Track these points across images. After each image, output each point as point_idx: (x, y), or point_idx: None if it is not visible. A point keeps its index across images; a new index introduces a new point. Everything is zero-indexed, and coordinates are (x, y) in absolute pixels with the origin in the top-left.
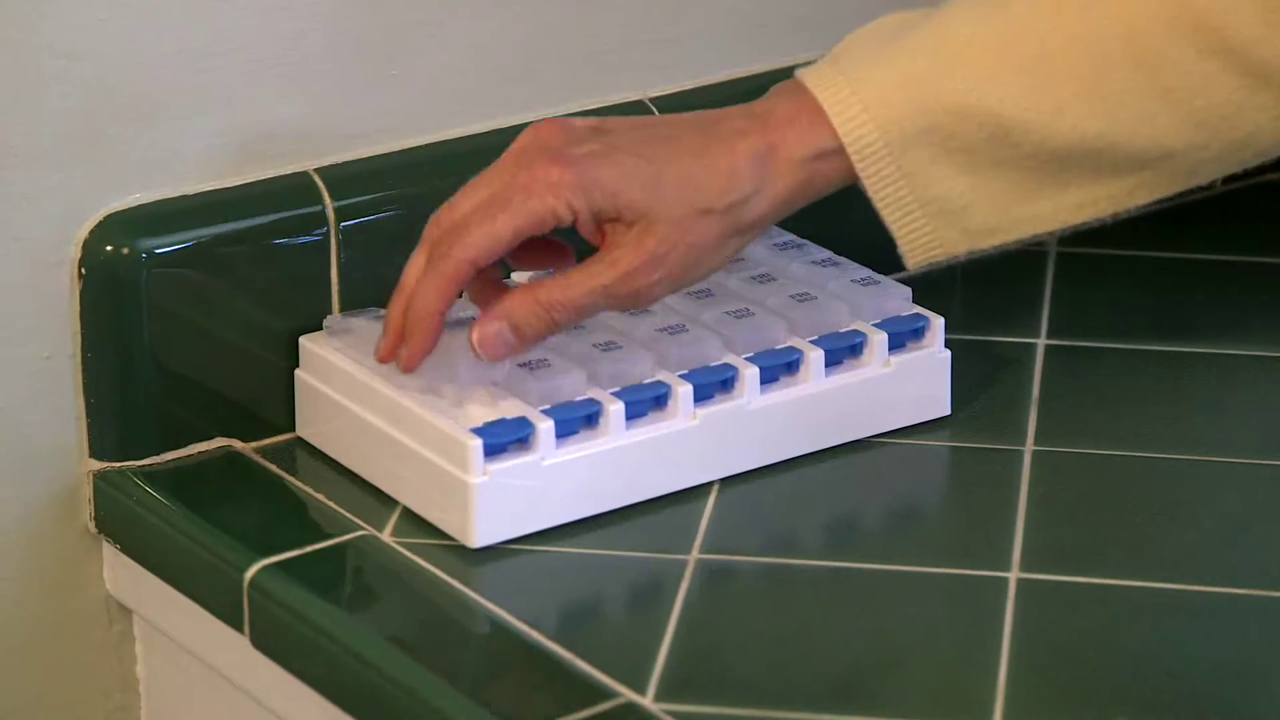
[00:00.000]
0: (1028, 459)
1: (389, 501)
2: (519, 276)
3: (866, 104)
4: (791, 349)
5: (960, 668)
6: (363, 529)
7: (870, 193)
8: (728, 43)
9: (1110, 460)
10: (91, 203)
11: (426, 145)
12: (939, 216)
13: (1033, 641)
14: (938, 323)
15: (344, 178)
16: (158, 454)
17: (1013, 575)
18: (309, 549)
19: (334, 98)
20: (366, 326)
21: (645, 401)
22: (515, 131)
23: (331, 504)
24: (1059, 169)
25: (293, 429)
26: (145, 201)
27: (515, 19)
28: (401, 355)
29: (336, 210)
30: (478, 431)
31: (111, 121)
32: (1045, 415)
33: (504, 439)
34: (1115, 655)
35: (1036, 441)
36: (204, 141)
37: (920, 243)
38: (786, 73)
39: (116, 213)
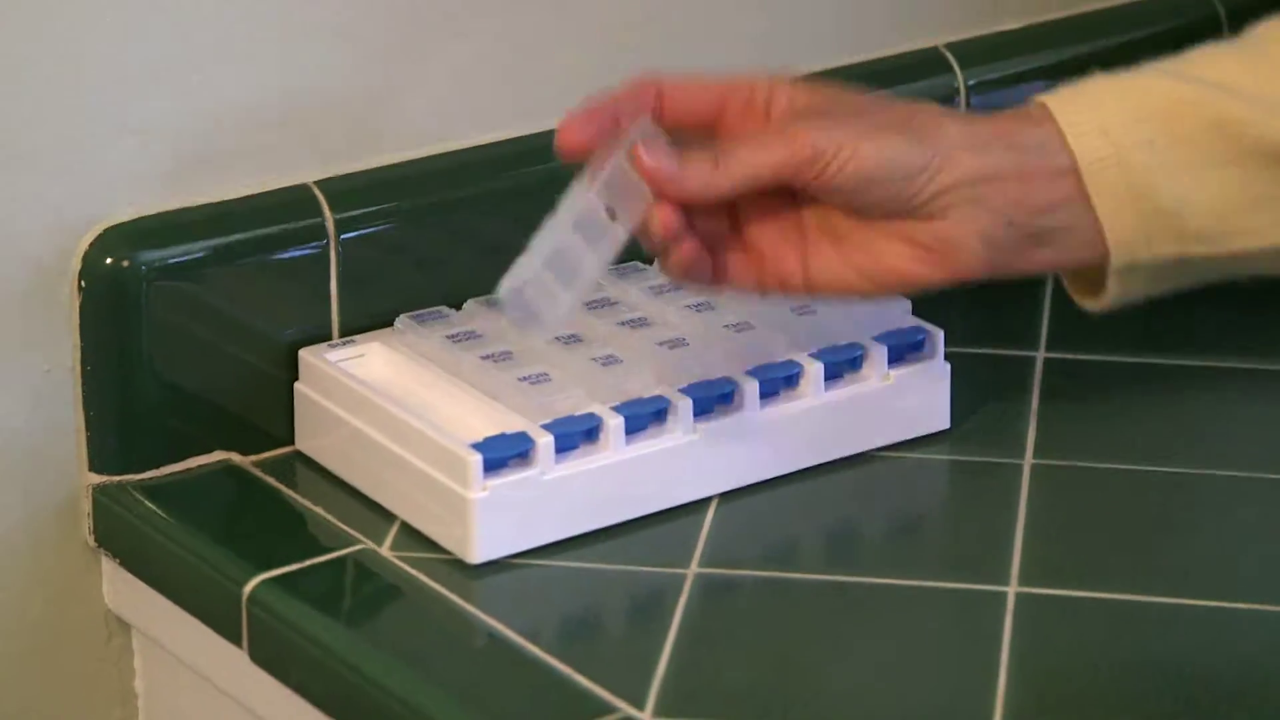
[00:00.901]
0: (1027, 472)
1: (388, 516)
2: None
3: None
4: (791, 362)
5: (960, 681)
6: (362, 543)
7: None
8: (728, 56)
9: (1109, 474)
10: (92, 215)
11: (425, 158)
12: (1153, 216)
13: (1032, 655)
14: (937, 335)
15: (343, 190)
16: (157, 467)
17: (1012, 589)
18: (308, 563)
19: (332, 110)
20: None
21: (645, 416)
22: (513, 144)
23: (331, 518)
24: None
25: (292, 442)
26: (145, 214)
27: (518, 29)
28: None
29: (336, 223)
30: (477, 446)
31: (112, 134)
32: (1044, 429)
33: (504, 454)
34: (1115, 669)
35: (1036, 455)
36: (203, 154)
37: (1126, 240)
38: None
39: (116, 225)
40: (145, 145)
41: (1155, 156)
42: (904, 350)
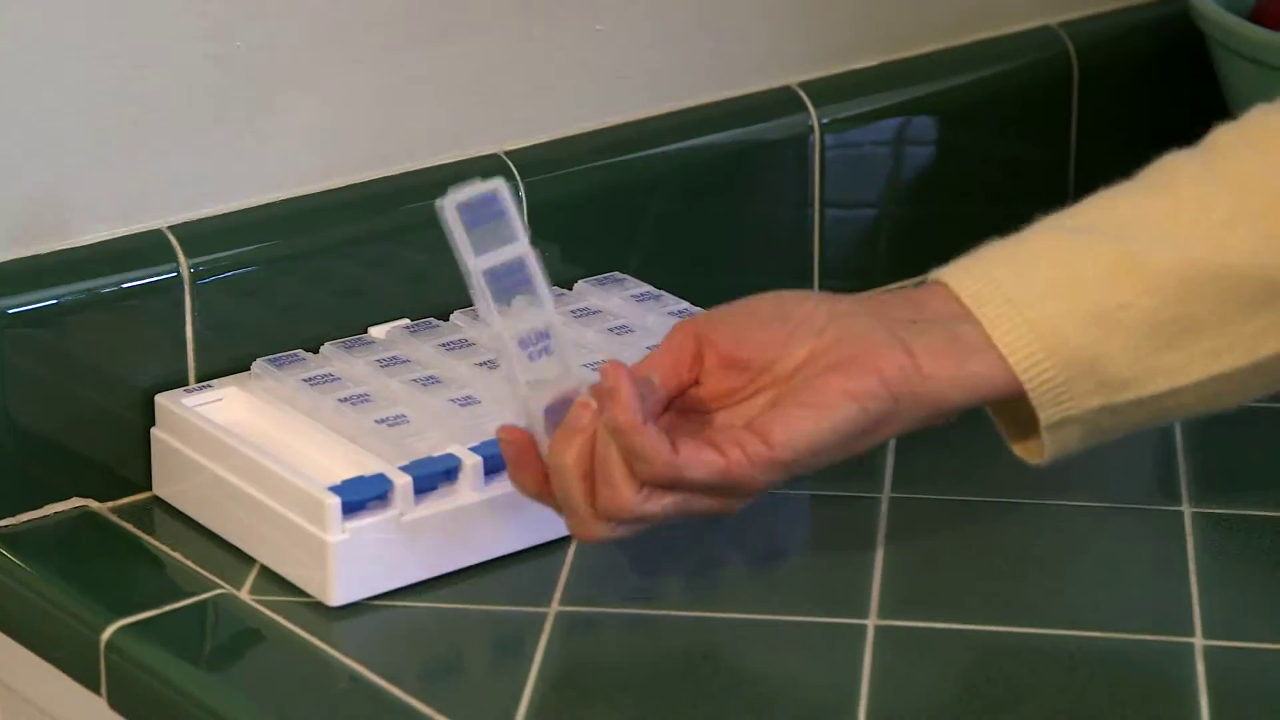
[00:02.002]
0: (885, 505)
1: (248, 560)
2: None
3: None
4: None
5: (822, 714)
6: (221, 587)
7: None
8: (586, 97)
9: (966, 506)
10: None
11: (279, 202)
12: (1069, 366)
13: (891, 687)
14: None
15: (197, 235)
16: (13, 515)
17: (871, 622)
18: (167, 608)
19: (186, 154)
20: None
21: None
22: (373, 186)
23: (189, 563)
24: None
25: (150, 488)
26: None
27: (373, 74)
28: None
29: (191, 267)
30: (336, 489)
31: None
32: (902, 462)
33: (362, 496)
34: (974, 700)
35: (894, 489)
36: (56, 201)
37: (1048, 394)
38: (644, 125)
39: None
40: None
41: (1059, 305)
42: None
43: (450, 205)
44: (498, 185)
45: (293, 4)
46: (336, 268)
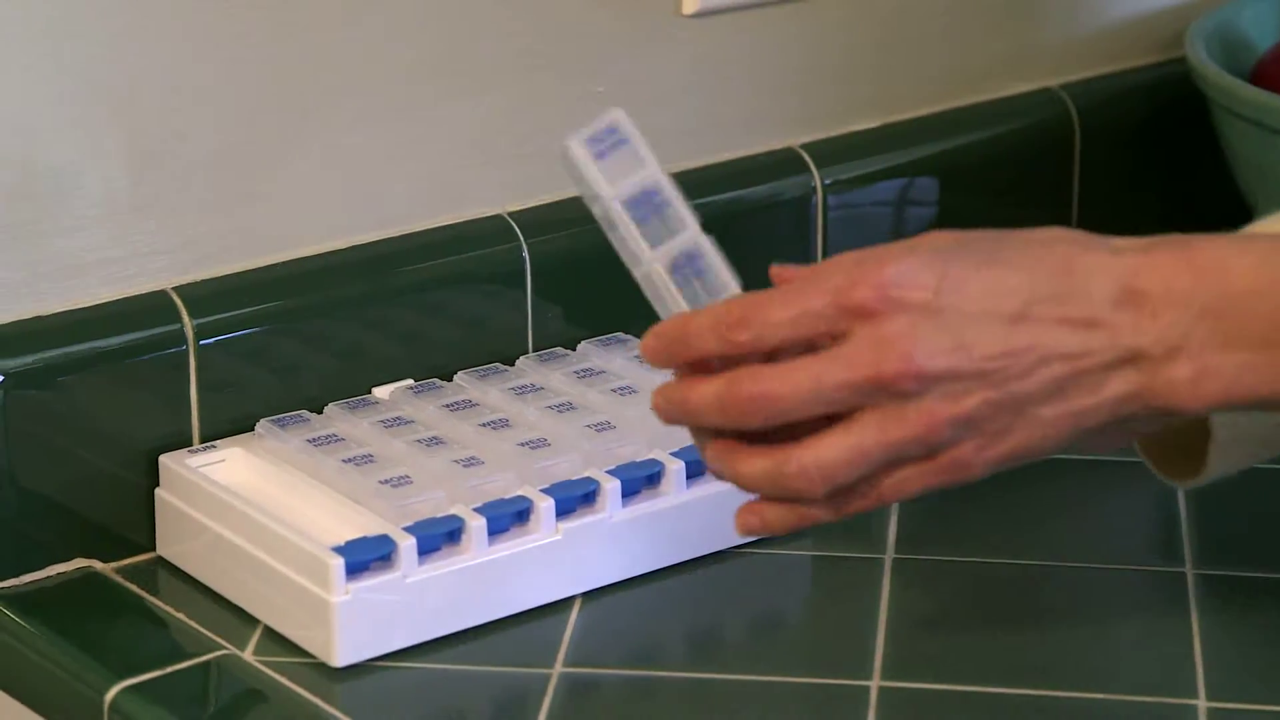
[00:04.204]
0: (888, 566)
1: (251, 620)
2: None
3: None
4: (653, 461)
5: None
6: (225, 648)
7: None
8: None
9: (970, 567)
10: None
11: (283, 263)
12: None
13: None
14: None
15: (202, 296)
16: (16, 576)
17: (874, 684)
18: (170, 669)
19: (191, 214)
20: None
21: (507, 516)
22: (376, 248)
23: (193, 623)
24: None
25: (154, 549)
26: (1, 322)
27: (375, 136)
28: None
29: (195, 328)
30: (339, 550)
31: None
32: (905, 523)
33: (366, 557)
34: None
35: (897, 550)
36: (60, 261)
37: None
38: None
39: None
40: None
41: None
42: None
43: (576, 142)
44: (618, 115)
45: (295, 67)
46: (339, 328)
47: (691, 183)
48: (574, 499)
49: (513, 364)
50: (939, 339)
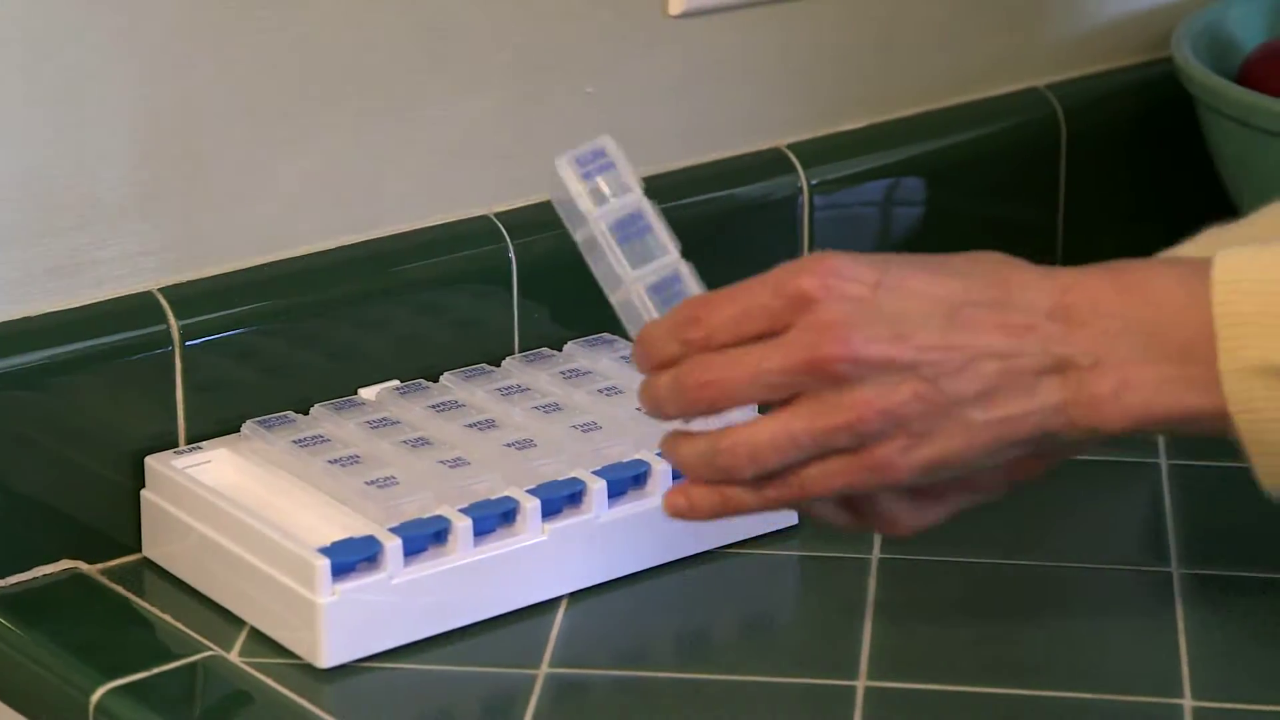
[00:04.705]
0: (875, 567)
1: (237, 622)
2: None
3: None
4: (639, 461)
5: None
6: (211, 650)
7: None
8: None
9: (957, 567)
10: None
11: (269, 264)
12: None
13: None
14: None
15: (188, 297)
16: (2, 577)
17: (861, 683)
18: (156, 670)
19: (177, 215)
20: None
21: (493, 517)
22: (363, 248)
23: (179, 625)
24: None
25: (139, 550)
26: None
27: (362, 136)
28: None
29: (181, 329)
30: (325, 551)
31: None
32: None
33: (352, 558)
34: None
35: (883, 550)
36: (46, 263)
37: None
38: (655, 182)
39: None
40: None
41: None
42: None
43: (564, 162)
44: (606, 140)
45: (282, 66)
46: (326, 329)
47: (678, 183)
48: (560, 499)
49: (499, 364)
50: (877, 328)
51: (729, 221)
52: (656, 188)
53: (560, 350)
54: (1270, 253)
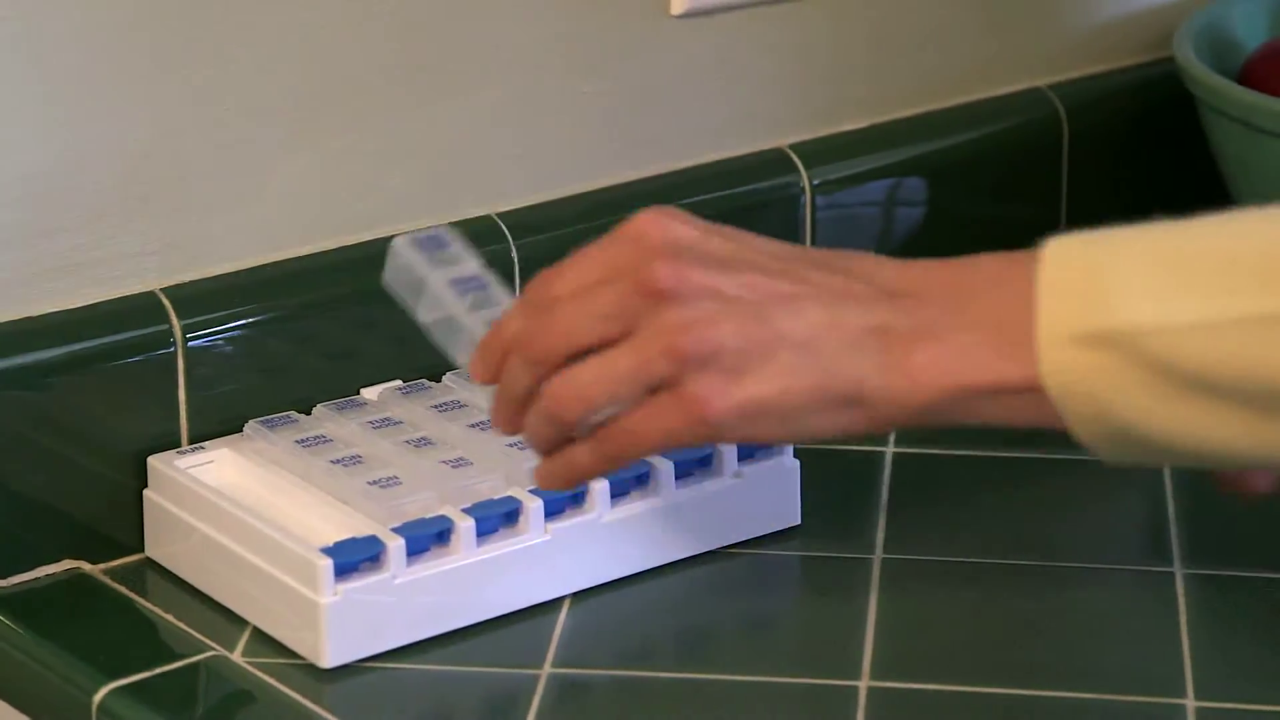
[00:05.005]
0: (877, 567)
1: (240, 622)
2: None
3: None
4: (642, 461)
5: None
6: (213, 650)
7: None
8: (576, 158)
9: (959, 567)
10: None
11: (271, 264)
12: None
13: None
14: None
15: (190, 296)
16: (4, 577)
17: (863, 684)
18: (159, 670)
19: (179, 215)
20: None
21: (496, 517)
22: (365, 248)
23: (181, 625)
24: None
25: (142, 550)
26: None
27: (363, 136)
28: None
29: (183, 329)
30: (328, 551)
31: None
32: (894, 523)
33: (354, 558)
34: None
35: (886, 550)
36: (47, 263)
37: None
38: (633, 187)
39: None
40: None
41: None
42: (753, 448)
43: (404, 241)
44: (444, 228)
45: (282, 66)
46: (328, 329)
47: (680, 183)
48: (563, 499)
49: None
50: (705, 257)
51: (730, 221)
52: (658, 188)
53: None
54: (1101, 232)
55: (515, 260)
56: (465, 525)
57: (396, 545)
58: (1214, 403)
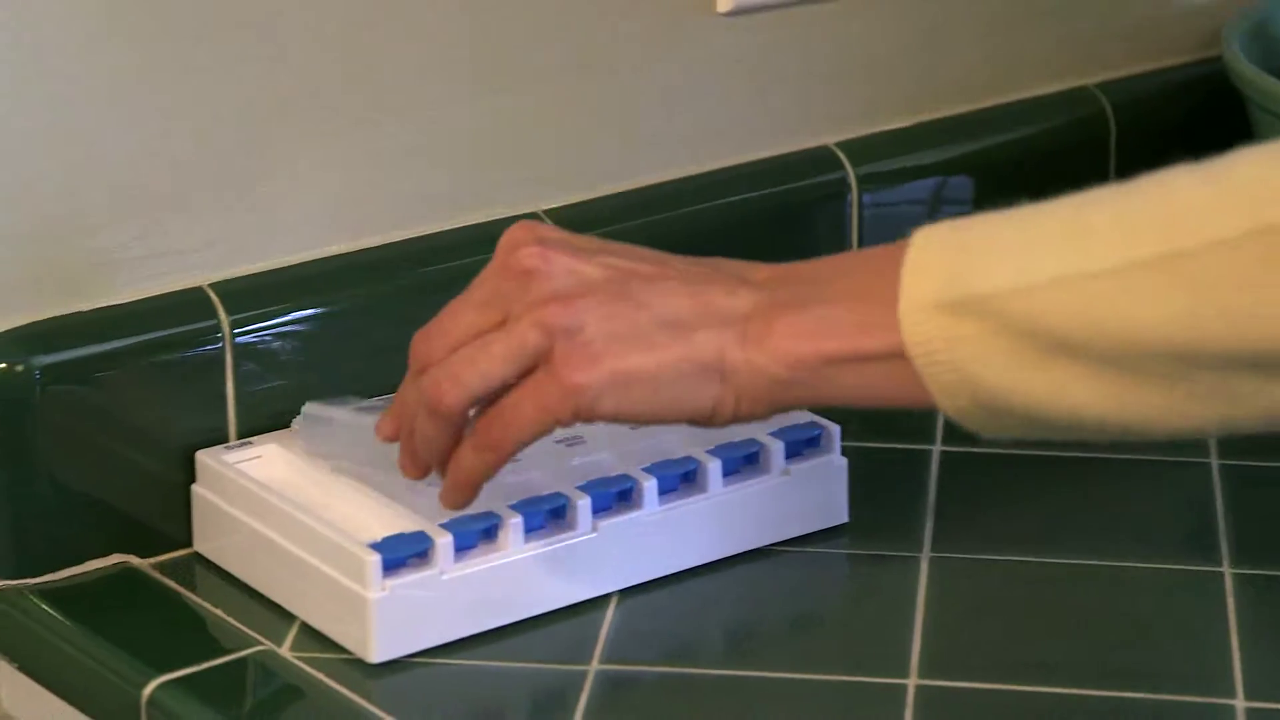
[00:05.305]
0: (925, 565)
1: (288, 616)
2: None
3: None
4: (689, 459)
5: None
6: (262, 644)
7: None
8: (624, 155)
9: (1007, 565)
10: None
11: (318, 259)
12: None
13: None
14: (834, 430)
15: (238, 292)
16: (54, 571)
17: (911, 682)
18: (207, 665)
19: (227, 211)
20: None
21: (543, 514)
22: (413, 244)
23: (230, 619)
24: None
25: (190, 544)
26: (38, 318)
27: (412, 131)
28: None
29: (231, 324)
30: (376, 546)
31: (3, 241)
32: (941, 521)
33: (402, 553)
34: None
35: (934, 548)
36: (97, 258)
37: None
38: (681, 184)
39: (9, 330)
40: (36, 251)
41: None
42: (801, 446)
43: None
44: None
45: (329, 61)
46: (375, 325)
47: (726, 180)
48: (610, 496)
49: None
50: (571, 245)
51: (775, 219)
52: (704, 184)
53: None
54: (969, 218)
55: None
56: (513, 521)
57: (444, 541)
58: (1075, 365)
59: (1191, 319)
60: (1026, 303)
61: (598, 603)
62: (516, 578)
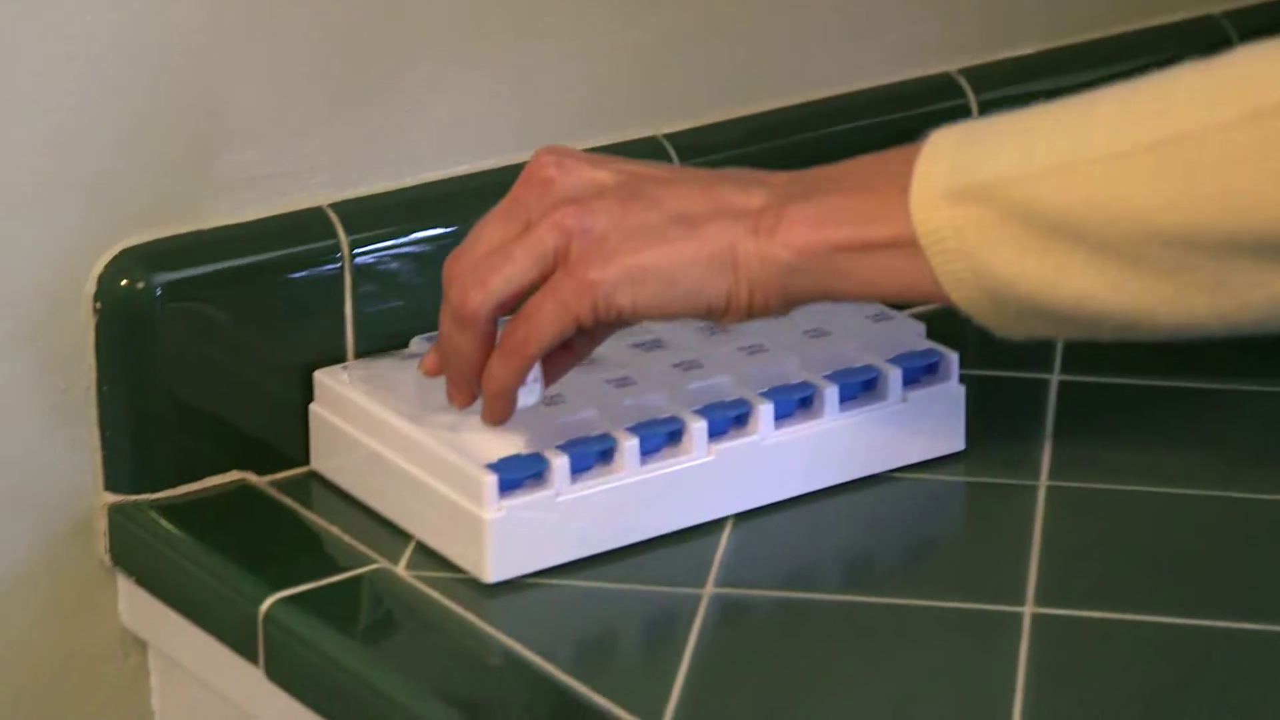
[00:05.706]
0: (1042, 494)
1: (404, 535)
2: None
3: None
4: (806, 384)
5: (975, 704)
6: (377, 563)
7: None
8: (745, 79)
9: (1124, 495)
10: (107, 238)
11: (438, 181)
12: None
13: (1048, 676)
14: (952, 358)
15: (358, 213)
16: (173, 487)
17: (1027, 610)
18: (323, 582)
19: (348, 132)
20: (386, 364)
21: (660, 437)
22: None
23: (346, 537)
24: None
25: (307, 463)
26: (160, 237)
27: (530, 55)
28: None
29: (351, 244)
30: (492, 467)
31: (127, 160)
32: (1059, 451)
33: (519, 475)
34: (1129, 692)
35: (1051, 477)
36: (218, 178)
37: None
38: (801, 110)
39: (131, 248)
40: (160, 170)
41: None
42: (919, 373)
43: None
44: None
45: None
46: None
47: (846, 108)
48: (726, 420)
49: None
50: (589, 158)
51: (900, 144)
52: (822, 112)
53: None
54: (982, 119)
55: None
56: (629, 444)
57: (560, 463)
58: (1076, 250)
59: (1189, 201)
60: (1028, 188)
61: (713, 526)
62: (632, 500)
